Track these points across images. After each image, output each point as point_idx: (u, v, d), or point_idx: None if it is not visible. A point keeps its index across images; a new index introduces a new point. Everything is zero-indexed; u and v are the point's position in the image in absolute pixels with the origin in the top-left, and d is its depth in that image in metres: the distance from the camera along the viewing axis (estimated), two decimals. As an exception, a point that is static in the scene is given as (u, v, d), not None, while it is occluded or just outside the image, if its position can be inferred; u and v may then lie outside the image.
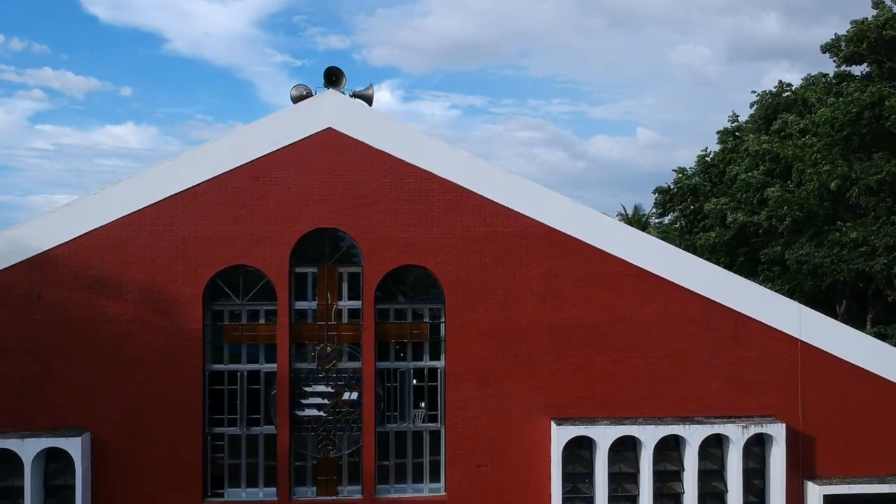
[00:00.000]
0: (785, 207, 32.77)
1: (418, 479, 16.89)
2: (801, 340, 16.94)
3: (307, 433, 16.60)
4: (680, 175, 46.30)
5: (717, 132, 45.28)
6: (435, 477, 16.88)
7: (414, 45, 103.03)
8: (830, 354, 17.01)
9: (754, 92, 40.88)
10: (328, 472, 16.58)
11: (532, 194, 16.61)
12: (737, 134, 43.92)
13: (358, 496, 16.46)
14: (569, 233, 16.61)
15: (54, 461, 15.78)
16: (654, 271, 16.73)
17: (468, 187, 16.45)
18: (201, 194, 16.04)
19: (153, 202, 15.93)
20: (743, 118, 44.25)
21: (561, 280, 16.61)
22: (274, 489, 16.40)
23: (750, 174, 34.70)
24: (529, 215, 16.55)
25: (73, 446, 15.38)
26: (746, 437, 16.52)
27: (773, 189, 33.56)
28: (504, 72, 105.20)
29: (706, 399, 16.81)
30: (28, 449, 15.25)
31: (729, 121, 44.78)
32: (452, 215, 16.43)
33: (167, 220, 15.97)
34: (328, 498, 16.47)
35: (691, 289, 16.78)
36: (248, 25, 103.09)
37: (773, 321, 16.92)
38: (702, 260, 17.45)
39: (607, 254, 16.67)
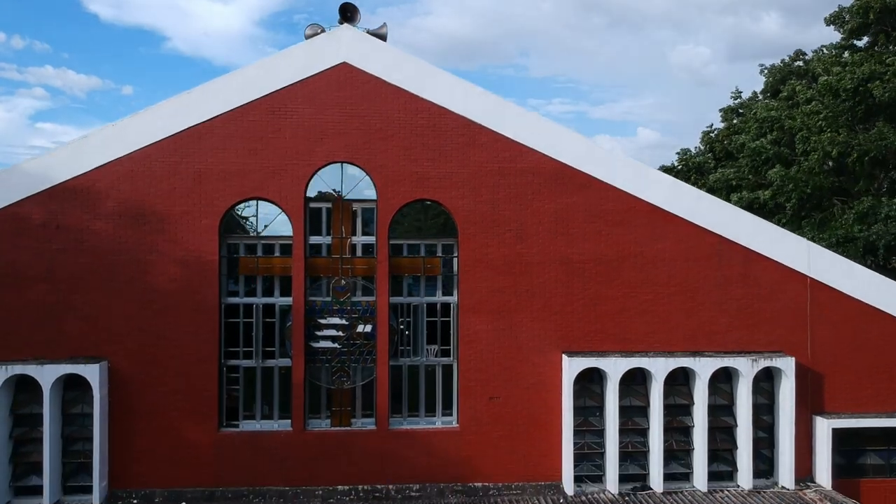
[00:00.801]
0: (790, 185, 32.88)
1: (431, 412, 17.06)
2: (810, 277, 17.10)
3: (321, 365, 16.78)
4: (684, 155, 46.53)
5: (720, 109, 45.50)
6: (447, 410, 17.05)
7: (414, 45, 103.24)
8: (839, 292, 17.18)
9: (761, 65, 41.10)
10: (342, 404, 16.76)
11: (544, 131, 16.76)
12: (740, 111, 44.15)
13: (371, 427, 16.64)
14: (581, 169, 16.77)
15: (72, 389, 15.97)
16: (665, 208, 16.89)
17: (482, 123, 16.61)
18: (218, 127, 16.21)
19: (171, 134, 16.10)
20: (746, 94, 44.46)
21: (573, 215, 16.78)
22: (288, 421, 16.58)
23: (758, 143, 34.85)
24: (542, 151, 16.70)
25: (91, 373, 15.56)
26: (756, 370, 16.68)
27: (774, 170, 33.70)
28: (504, 71, 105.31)
29: (716, 334, 16.98)
30: (47, 375, 15.43)
31: (731, 97, 44.98)
32: (466, 150, 16.59)
33: (184, 152, 16.14)
34: (342, 429, 16.64)
35: (703, 225, 16.94)
36: (248, 24, 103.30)
37: (783, 258, 17.08)
38: (713, 197, 17.56)
39: (619, 190, 16.83)
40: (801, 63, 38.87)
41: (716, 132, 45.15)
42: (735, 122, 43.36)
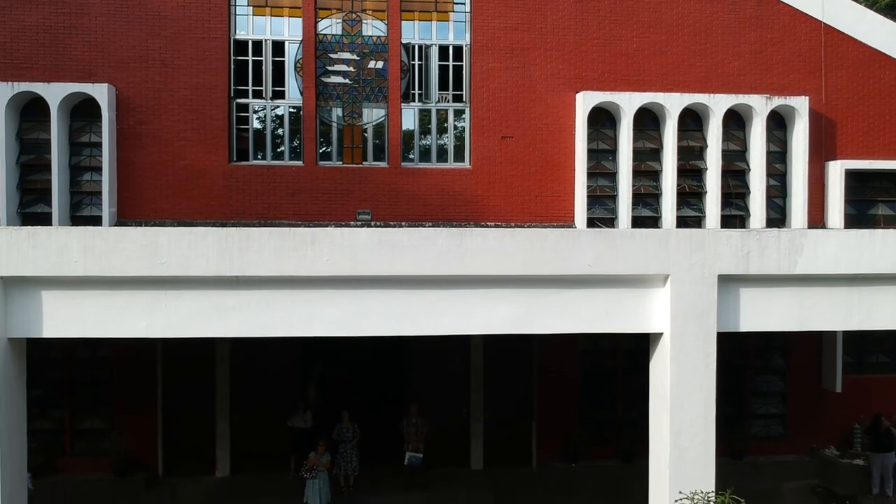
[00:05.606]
0: None
1: (443, 159, 16.89)
2: (823, 22, 17.01)
3: (333, 103, 16.56)
4: None
5: None
6: (459, 156, 16.88)
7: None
8: (852, 38, 17.11)
9: None
10: (354, 142, 16.57)
11: None
12: None
13: (384, 165, 16.47)
14: None
15: (79, 119, 15.71)
16: (679, -53, 16.73)
17: None
18: None
19: None
20: None
21: (587, -47, 16.58)
22: (300, 163, 16.38)
23: None
24: None
25: (100, 93, 15.28)
26: (770, 107, 16.61)
27: None
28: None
29: (730, 76, 16.87)
30: (54, 93, 15.13)
31: None
32: None
33: None
34: (354, 165, 16.47)
35: (716, -34, 16.81)
36: None
37: (796, 3, 16.97)
38: (726, -62, 17.41)
39: (633, -72, 16.65)
40: None
41: None
42: None
